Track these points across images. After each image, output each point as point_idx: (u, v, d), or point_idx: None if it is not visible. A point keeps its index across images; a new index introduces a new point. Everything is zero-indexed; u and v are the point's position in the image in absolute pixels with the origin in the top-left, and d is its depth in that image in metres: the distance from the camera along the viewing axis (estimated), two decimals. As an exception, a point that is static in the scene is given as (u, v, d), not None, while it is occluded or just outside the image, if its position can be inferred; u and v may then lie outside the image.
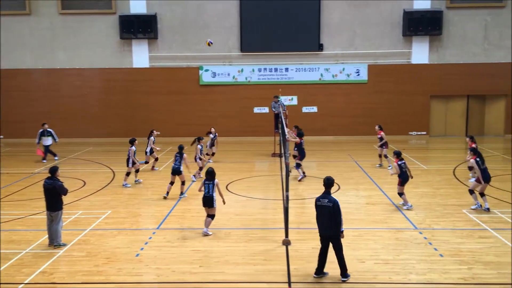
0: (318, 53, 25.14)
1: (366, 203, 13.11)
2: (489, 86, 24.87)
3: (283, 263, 9.06)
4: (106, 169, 18.09)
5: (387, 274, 8.50)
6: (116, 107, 25.49)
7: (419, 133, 25.38)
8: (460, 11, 24.55)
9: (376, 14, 24.76)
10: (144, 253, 9.63)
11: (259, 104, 25.35)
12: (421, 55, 24.90)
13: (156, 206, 13.01)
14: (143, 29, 24.57)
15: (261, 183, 15.85)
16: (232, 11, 24.99)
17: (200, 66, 25.27)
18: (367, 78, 25.08)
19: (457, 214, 11.80)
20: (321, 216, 8.32)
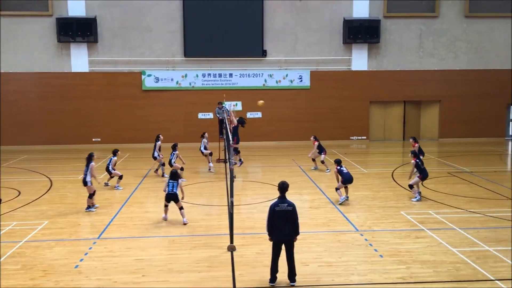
0: (262, 59, 25.39)
1: (309, 207, 13.32)
2: (424, 92, 26.12)
3: (228, 269, 9.02)
4: (43, 177, 17.31)
5: (330, 276, 8.66)
6: (54, 113, 24.47)
7: (359, 138, 26.18)
8: (397, 20, 25.64)
9: (317, 21, 25.35)
10: (84, 264, 9.28)
11: (203, 109, 25.08)
12: (361, 62, 25.75)
13: (96, 215, 12.58)
14: (82, 32, 23.81)
15: (206, 189, 15.74)
16: (175, 15, 24.75)
17: (143, 71, 24.80)
18: (310, 84, 25.60)
19: (396, 216, 12.24)
20: (280, 222, 8.25)
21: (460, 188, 15.23)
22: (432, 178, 15.48)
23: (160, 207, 12.80)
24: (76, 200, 14.23)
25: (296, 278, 8.41)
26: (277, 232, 8.30)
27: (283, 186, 8.57)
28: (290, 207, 8.33)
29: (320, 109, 25.62)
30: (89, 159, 13.11)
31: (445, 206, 13.02)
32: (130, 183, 16.27)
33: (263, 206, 13.39)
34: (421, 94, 26.20)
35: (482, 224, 11.50)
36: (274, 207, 8.34)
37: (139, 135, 24.74)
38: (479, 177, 16.68)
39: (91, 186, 12.84)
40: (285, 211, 8.29)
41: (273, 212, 8.30)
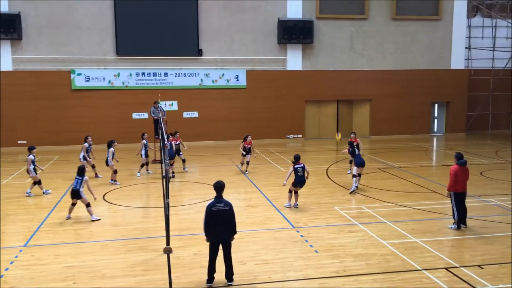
0: (198, 58, 25.18)
1: (246, 206, 13.37)
2: (355, 91, 27.06)
3: (165, 271, 8.85)
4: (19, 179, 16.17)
5: (267, 273, 8.73)
6: (-26, 114, 22.92)
7: (295, 136, 26.67)
8: (328, 21, 26.36)
9: (252, 21, 25.52)
10: (10, 273, 8.74)
11: (138, 109, 24.61)
12: (295, 62, 26.23)
13: (23, 222, 11.91)
14: (5, 28, 22.52)
15: (142, 191, 15.38)
16: (106, 12, 23.96)
17: (72, 69, 23.81)
18: (246, 83, 25.72)
19: (330, 211, 12.57)
20: (217, 221, 8.17)
21: (390, 183, 15.90)
22: (364, 174, 16.03)
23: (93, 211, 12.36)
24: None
25: (234, 277, 8.40)
26: (215, 232, 8.24)
27: (219, 185, 8.53)
28: (227, 207, 8.31)
29: (257, 109, 25.82)
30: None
31: (376, 201, 13.55)
32: (59, 187, 15.56)
33: (200, 207, 13.27)
34: (353, 93, 27.12)
35: (409, 216, 12.07)
36: (211, 207, 8.25)
37: (68, 137, 23.70)
38: (407, 172, 17.52)
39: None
40: (223, 211, 8.25)
41: (210, 212, 8.22)
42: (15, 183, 16.35)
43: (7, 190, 15.30)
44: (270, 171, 18.07)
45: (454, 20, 27.65)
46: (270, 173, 17.79)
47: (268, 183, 15.96)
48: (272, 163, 19.79)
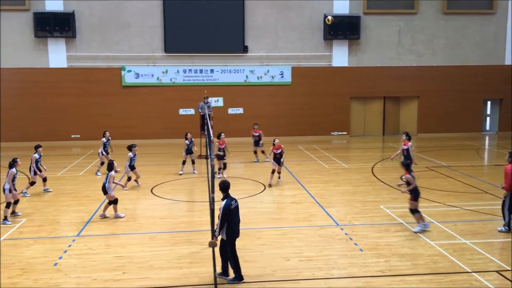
0: (243, 54, 25.35)
1: (290, 202, 13.38)
2: (403, 88, 26.43)
3: (209, 265, 9.01)
4: (20, 175, 16.98)
5: (311, 270, 8.73)
6: (30, 109, 24.05)
7: (340, 133, 26.38)
8: (376, 16, 25.86)
9: (298, 17, 25.42)
10: (63, 262, 9.17)
11: (184, 105, 25.07)
12: (341, 58, 25.92)
13: (76, 213, 12.43)
14: (60, 27, 23.44)
15: (187, 186, 15.69)
16: (154, 10, 24.52)
17: (123, 66, 24.54)
18: (291, 80, 25.67)
19: (375, 210, 12.39)
20: (235, 219, 8.22)
21: (438, 182, 15.47)
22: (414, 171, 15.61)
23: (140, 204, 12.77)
24: (54, 197, 14.05)
25: (277, 273, 8.47)
26: (236, 229, 8.26)
27: (227, 185, 8.42)
28: (237, 203, 8.40)
29: (301, 105, 25.72)
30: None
31: (424, 200, 13.21)
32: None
33: (244, 202, 13.40)
34: (400, 90, 26.51)
35: (459, 217, 11.72)
36: (229, 207, 8.13)
37: (117, 132, 24.43)
38: (457, 171, 16.99)
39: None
40: (236, 208, 8.32)
41: (230, 211, 8.13)
42: (69, 175, 17.06)
43: (61, 182, 16.01)
44: (315, 168, 17.98)
45: (509, 14, 26.48)
46: (315, 170, 17.69)
47: (312, 180, 15.90)
48: (317, 160, 19.68)
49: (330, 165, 18.45)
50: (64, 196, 14.20)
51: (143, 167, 17.87)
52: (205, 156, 19.70)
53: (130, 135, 24.18)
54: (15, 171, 12.13)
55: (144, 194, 14.26)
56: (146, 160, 19.48)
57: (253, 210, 12.63)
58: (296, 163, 18.88)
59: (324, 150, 21.98)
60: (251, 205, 13.12)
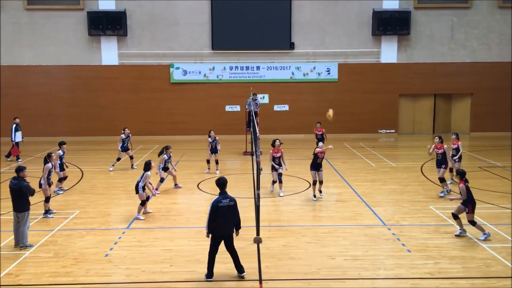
0: (289, 51, 25.28)
1: (336, 200, 13.25)
2: (455, 85, 25.54)
3: (254, 260, 9.08)
4: (74, 168, 17.72)
5: (357, 270, 8.62)
6: (83, 105, 25.02)
7: (388, 131, 25.85)
8: (427, 11, 25.11)
9: (346, 13, 25.07)
10: (114, 253, 9.49)
11: (230, 102, 25.32)
12: (390, 54, 25.36)
13: (125, 206, 12.83)
14: (112, 25, 24.20)
15: (233, 182, 15.76)
16: (203, 8, 24.86)
17: (171, 64, 25.05)
18: (338, 76, 25.37)
19: (424, 210, 12.07)
20: (223, 217, 8.19)
21: (491, 183, 14.88)
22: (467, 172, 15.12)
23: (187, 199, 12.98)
24: (106, 190, 14.56)
25: (322, 271, 8.42)
26: (221, 227, 8.24)
27: (222, 182, 8.43)
28: (232, 202, 8.33)
29: (348, 102, 25.37)
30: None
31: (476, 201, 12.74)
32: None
33: (289, 199, 13.42)
34: (452, 87, 25.63)
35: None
36: (217, 204, 8.21)
37: (164, 128, 25.05)
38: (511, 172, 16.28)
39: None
40: (228, 206, 8.27)
41: (217, 209, 8.18)
42: (119, 169, 17.60)
43: (111, 176, 16.57)
44: (361, 167, 17.71)
45: None
46: (361, 168, 17.44)
47: (358, 178, 15.68)
48: (363, 158, 19.38)
49: (377, 164, 18.12)
50: (115, 189, 14.69)
51: (189, 163, 18.23)
52: (250, 152, 19.81)
53: (177, 131, 24.70)
54: (51, 165, 12.19)
55: (190, 189, 14.51)
56: (193, 155, 19.82)
57: (298, 207, 12.60)
58: (341, 161, 18.66)
59: (371, 148, 21.60)
60: (296, 202, 13.09)
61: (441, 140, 13.62)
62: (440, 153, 13.53)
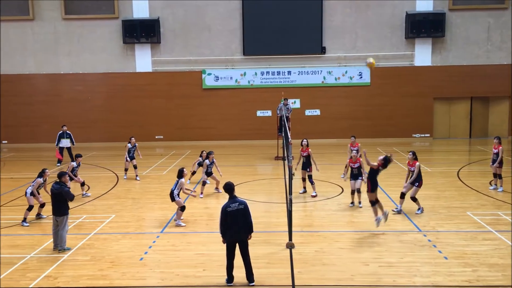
0: (321, 56, 25.17)
1: (369, 206, 13.01)
2: (492, 87, 24.83)
3: (287, 266, 9.05)
4: (110, 173, 18.12)
5: (391, 277, 8.47)
6: (118, 112, 25.57)
7: (422, 135, 25.35)
8: (463, 13, 24.55)
9: (378, 16, 24.79)
10: (148, 257, 9.64)
11: (261, 107, 25.39)
12: (424, 57, 24.90)
13: (159, 210, 13.03)
14: (146, 33, 24.67)
15: (264, 187, 15.85)
16: (234, 14, 25.06)
17: (203, 70, 25.33)
18: (370, 80, 25.09)
19: (462, 217, 11.77)
20: (233, 222, 8.17)
21: (533, 188, 14.37)
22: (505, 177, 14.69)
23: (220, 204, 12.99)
24: (140, 195, 14.81)
25: (356, 277, 8.31)
26: (232, 232, 8.22)
27: (230, 187, 8.42)
28: (242, 206, 8.28)
29: (381, 106, 25.04)
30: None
31: (516, 208, 12.36)
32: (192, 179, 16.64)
33: (321, 204, 13.33)
34: (489, 89, 24.93)
35: (557, 227, 10.82)
36: (225, 209, 8.22)
37: (196, 133, 25.31)
38: (554, 178, 15.66)
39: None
40: (237, 210, 8.23)
41: (226, 213, 8.19)
42: (153, 174, 17.91)
43: (146, 180, 16.84)
44: (395, 171, 17.38)
45: None
46: (395, 173, 17.11)
47: (392, 184, 15.40)
48: (397, 162, 19.04)
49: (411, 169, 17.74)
50: (149, 194, 14.93)
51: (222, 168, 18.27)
52: (282, 157, 19.78)
53: (209, 136, 24.93)
54: (42, 181, 12.11)
55: (223, 194, 14.59)
56: (225, 161, 19.92)
57: (331, 213, 12.50)
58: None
59: (404, 153, 21.19)
60: (329, 207, 12.99)
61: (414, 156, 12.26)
62: (412, 170, 12.27)
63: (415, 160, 12.23)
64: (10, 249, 10.17)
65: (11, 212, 12.99)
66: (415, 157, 12.28)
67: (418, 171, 12.06)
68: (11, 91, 25.52)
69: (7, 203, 13.96)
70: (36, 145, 25.19)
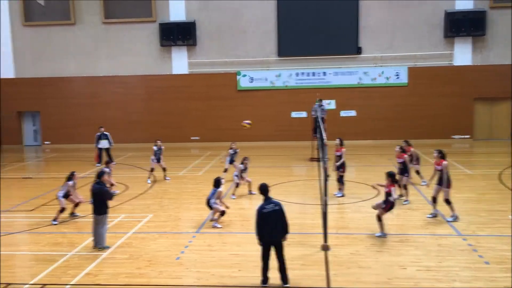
0: (357, 56, 24.90)
1: (407, 209, 12.84)
2: (537, 87, 23.94)
3: (322, 268, 8.99)
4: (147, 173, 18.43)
5: (430, 281, 8.29)
6: (155, 113, 26.06)
7: (462, 137, 24.68)
8: (504, 10, 23.81)
9: (416, 15, 24.35)
10: (184, 256, 9.78)
11: (296, 108, 25.34)
12: (464, 56, 24.26)
13: (195, 210, 13.19)
14: (183, 36, 25.06)
15: (299, 188, 15.80)
16: (269, 16, 25.13)
17: (238, 71, 25.50)
18: (407, 81, 24.63)
19: (504, 220, 11.40)
20: (268, 223, 8.13)
21: None
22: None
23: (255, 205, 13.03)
24: (177, 195, 15.04)
25: (393, 281, 8.18)
26: (267, 234, 8.17)
27: (265, 188, 8.43)
28: (277, 207, 8.22)
29: (418, 107, 24.55)
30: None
31: None
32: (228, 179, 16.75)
33: (357, 206, 13.19)
34: (533, 89, 24.06)
35: None
36: (261, 210, 8.18)
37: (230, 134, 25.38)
38: None
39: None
40: (273, 212, 8.17)
41: (261, 215, 8.15)
42: (189, 175, 18.16)
43: (182, 181, 17.10)
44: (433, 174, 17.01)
45: None
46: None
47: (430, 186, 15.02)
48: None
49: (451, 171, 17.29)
50: (185, 194, 15.14)
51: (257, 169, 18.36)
52: (317, 159, 19.66)
53: (244, 137, 25.01)
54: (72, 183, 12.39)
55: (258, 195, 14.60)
56: (260, 162, 19.99)
57: (367, 215, 12.33)
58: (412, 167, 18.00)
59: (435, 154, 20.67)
60: (365, 210, 12.83)
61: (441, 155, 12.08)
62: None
63: (441, 159, 11.87)
64: (52, 246, 10.53)
65: (52, 210, 13.42)
66: (442, 155, 11.93)
67: (445, 171, 11.73)
68: (53, 94, 26.45)
69: (48, 202, 14.46)
70: (77, 146, 25.99)
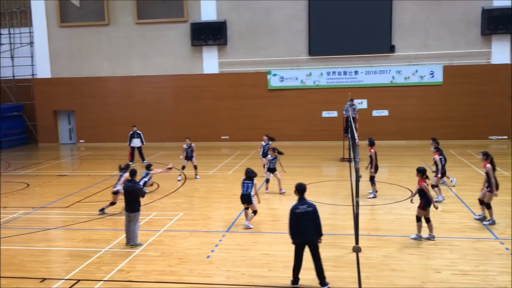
0: (389, 54, 24.49)
1: (441, 211, 12.50)
2: None
3: (353, 270, 8.87)
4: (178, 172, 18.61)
5: (465, 285, 8.06)
6: (186, 112, 26.30)
7: (499, 138, 23.94)
8: (546, 6, 22.93)
9: (451, 13, 23.76)
10: (215, 255, 9.82)
11: (327, 108, 25.11)
12: (502, 54, 23.52)
13: (225, 210, 13.23)
14: (213, 35, 25.20)
15: (330, 188, 15.65)
16: (300, 15, 24.99)
17: (269, 71, 25.46)
18: (442, 79, 24.06)
19: (544, 225, 10.98)
20: (301, 223, 8.07)
21: None
22: None
23: (285, 205, 13.04)
24: (207, 194, 15.13)
25: (426, 284, 7.99)
26: (299, 234, 8.11)
27: (300, 187, 8.36)
28: (311, 208, 8.13)
29: (454, 107, 23.94)
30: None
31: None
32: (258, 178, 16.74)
33: (389, 208, 12.96)
34: None
35: None
36: (294, 210, 8.14)
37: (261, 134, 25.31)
38: None
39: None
40: (306, 212, 8.08)
41: (294, 215, 8.11)
42: (219, 174, 18.24)
43: (212, 180, 17.19)
44: (469, 175, 16.58)
45: None
46: (469, 177, 16.32)
47: (466, 188, 14.68)
48: (471, 166, 18.14)
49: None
50: (215, 193, 15.22)
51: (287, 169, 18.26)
52: (348, 159, 19.44)
53: (274, 137, 24.91)
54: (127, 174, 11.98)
55: (288, 195, 14.57)
56: (290, 162, 19.86)
57: (399, 217, 12.11)
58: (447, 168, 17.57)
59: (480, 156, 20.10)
60: (397, 211, 12.59)
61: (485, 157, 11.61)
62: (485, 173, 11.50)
63: (486, 162, 11.49)
64: (87, 243, 10.75)
65: (87, 207, 13.73)
66: (486, 157, 11.56)
67: (490, 173, 11.30)
68: (88, 93, 27.06)
69: (84, 199, 14.77)
70: (111, 145, 26.52)
